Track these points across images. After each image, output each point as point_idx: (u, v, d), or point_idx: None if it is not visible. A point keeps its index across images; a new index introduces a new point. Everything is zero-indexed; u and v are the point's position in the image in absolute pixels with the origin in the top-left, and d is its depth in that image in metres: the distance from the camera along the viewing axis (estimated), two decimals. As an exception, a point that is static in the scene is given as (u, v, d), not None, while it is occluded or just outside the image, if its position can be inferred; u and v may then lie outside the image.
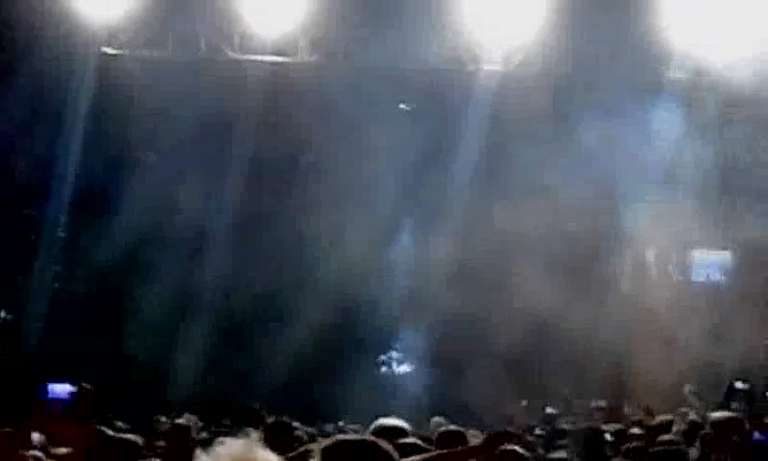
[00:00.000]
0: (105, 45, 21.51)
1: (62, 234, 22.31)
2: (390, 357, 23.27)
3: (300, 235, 22.38)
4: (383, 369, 23.20)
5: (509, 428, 16.29)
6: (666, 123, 21.40)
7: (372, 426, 6.60)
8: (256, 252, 22.23)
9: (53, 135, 21.70)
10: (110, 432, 9.47)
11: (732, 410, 9.95)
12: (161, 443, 10.82)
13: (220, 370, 21.72)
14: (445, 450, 6.38)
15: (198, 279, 22.28)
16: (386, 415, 7.25)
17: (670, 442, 9.02)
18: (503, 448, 6.84)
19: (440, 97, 21.51)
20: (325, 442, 2.79)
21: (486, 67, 21.82)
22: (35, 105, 21.35)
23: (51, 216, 22.36)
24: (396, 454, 3.08)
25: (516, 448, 7.49)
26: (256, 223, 22.40)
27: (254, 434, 3.14)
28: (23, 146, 21.67)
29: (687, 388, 17.81)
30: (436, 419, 12.62)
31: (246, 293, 22.07)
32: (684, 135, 21.27)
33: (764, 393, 17.63)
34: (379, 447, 2.80)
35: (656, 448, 8.82)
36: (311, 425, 13.31)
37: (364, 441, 2.71)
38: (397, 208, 21.37)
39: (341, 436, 2.69)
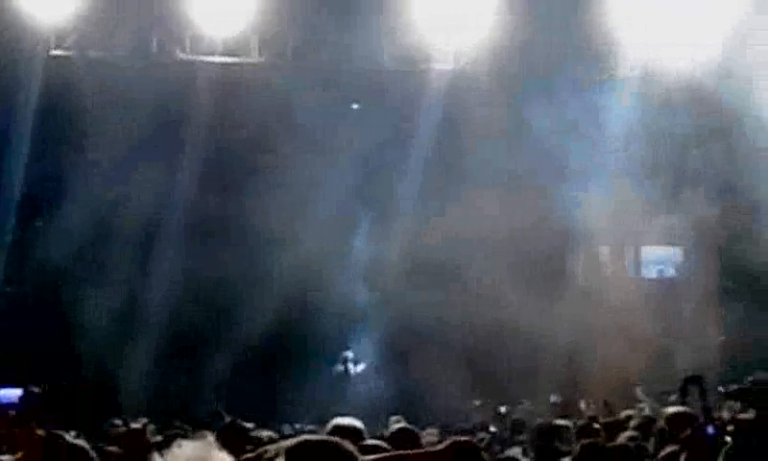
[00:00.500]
0: (53, 47, 21.33)
1: (9, 237, 22.05)
2: (346, 357, 23.21)
3: (252, 236, 22.25)
4: (339, 368, 23.15)
5: (464, 427, 16.34)
6: (616, 119, 21.52)
7: (328, 427, 6.56)
8: (208, 252, 22.08)
9: (0, 137, 21.47)
10: (64, 437, 9.36)
11: (686, 405, 9.99)
12: (114, 448, 10.69)
13: (172, 372, 21.55)
14: (407, 452, 6.34)
15: (148, 280, 22.11)
16: (343, 415, 7.21)
17: (630, 438, 9.05)
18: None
19: (391, 96, 21.50)
20: (289, 442, 2.73)
21: (437, 66, 21.86)
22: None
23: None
24: (358, 454, 3.03)
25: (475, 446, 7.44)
26: (208, 223, 22.27)
27: (210, 437, 3.09)
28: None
29: (638, 390, 17.88)
30: (394, 418, 12.60)
31: (198, 294, 21.92)
32: (633, 131, 21.40)
33: (717, 388, 17.72)
34: (342, 447, 2.75)
35: (614, 444, 8.85)
36: (268, 427, 13.22)
37: (328, 441, 2.66)
38: (351, 207, 21.33)
39: (305, 436, 2.63)
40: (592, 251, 23.53)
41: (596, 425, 11.35)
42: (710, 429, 7.86)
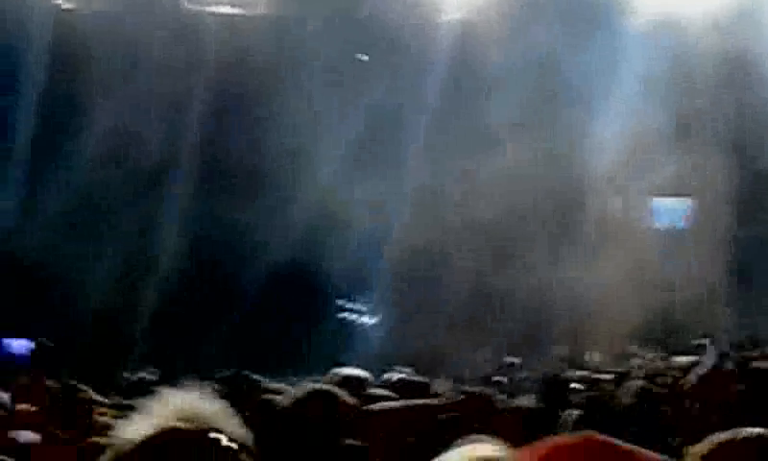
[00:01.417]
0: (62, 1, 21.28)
1: (21, 190, 22.03)
2: (356, 309, 23.20)
3: (259, 187, 22.24)
4: (348, 318, 23.14)
5: (475, 377, 16.36)
6: (629, 68, 21.38)
7: (332, 375, 6.56)
8: (214, 204, 22.08)
9: (8, 91, 21.42)
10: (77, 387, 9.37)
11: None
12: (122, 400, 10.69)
13: (179, 324, 21.54)
14: (429, 401, 6.35)
15: (156, 229, 22.08)
16: (351, 365, 7.20)
17: (641, 389, 9.02)
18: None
19: (399, 47, 21.36)
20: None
21: (446, 16, 21.75)
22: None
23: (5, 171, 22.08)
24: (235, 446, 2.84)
25: (483, 390, 7.46)
26: (214, 175, 22.23)
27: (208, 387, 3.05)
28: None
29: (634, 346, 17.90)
30: (405, 369, 12.58)
31: (205, 244, 21.95)
32: (646, 81, 21.26)
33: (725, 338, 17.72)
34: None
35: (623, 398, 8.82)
36: (277, 378, 13.21)
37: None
38: (355, 158, 21.23)
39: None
40: (604, 201, 23.45)
41: (602, 376, 11.34)
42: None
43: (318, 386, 4.11)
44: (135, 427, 2.51)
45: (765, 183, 20.66)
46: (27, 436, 8.98)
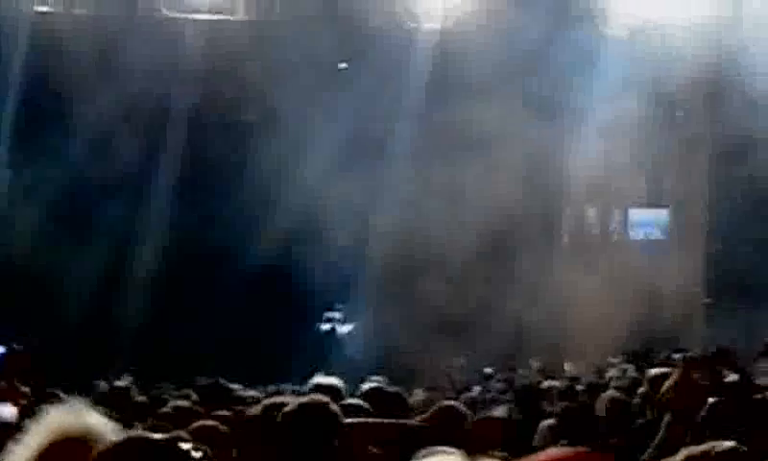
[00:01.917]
0: (38, 3, 21.19)
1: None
2: (333, 317, 23.17)
3: (238, 192, 22.25)
4: (326, 328, 23.11)
5: (447, 387, 16.37)
6: (604, 78, 21.42)
7: (309, 386, 6.56)
8: (194, 209, 22.06)
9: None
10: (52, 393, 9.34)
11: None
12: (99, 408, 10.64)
13: (159, 328, 21.47)
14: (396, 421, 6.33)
15: (134, 237, 22.01)
16: (328, 374, 7.19)
17: (613, 399, 9.06)
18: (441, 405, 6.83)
19: (379, 55, 21.36)
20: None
21: (425, 25, 21.78)
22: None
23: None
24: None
25: (455, 404, 7.46)
26: (194, 180, 22.18)
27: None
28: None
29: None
30: (375, 379, 12.56)
31: (185, 250, 21.91)
32: (621, 91, 21.30)
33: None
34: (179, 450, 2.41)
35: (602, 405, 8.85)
36: (252, 385, 13.19)
37: (163, 444, 2.38)
38: (337, 164, 21.21)
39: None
40: (579, 213, 23.52)
41: (579, 387, 11.37)
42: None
43: (282, 398, 4.12)
44: (21, 450, 2.48)
45: (745, 194, 20.73)
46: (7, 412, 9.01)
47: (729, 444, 3.56)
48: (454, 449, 3.02)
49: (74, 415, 2.58)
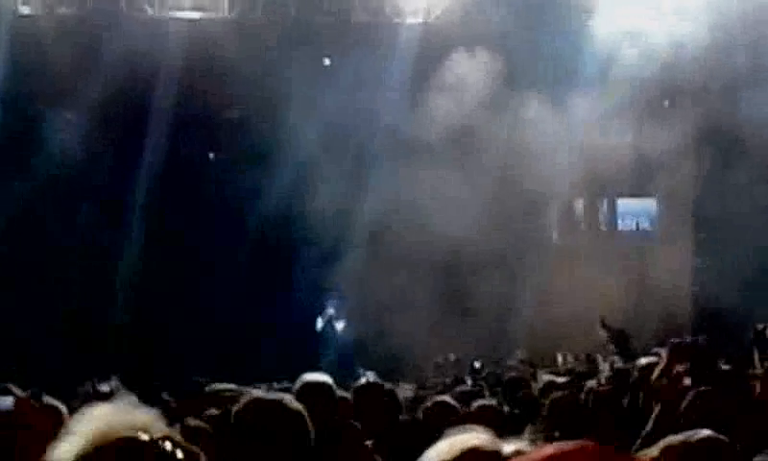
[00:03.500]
0: (20, 5, 21.12)
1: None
2: (329, 314, 23.15)
3: (222, 191, 22.25)
4: (322, 325, 23.09)
5: (438, 382, 16.38)
6: (591, 67, 21.44)
7: (298, 383, 6.53)
8: (178, 207, 22.04)
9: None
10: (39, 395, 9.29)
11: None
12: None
13: (149, 328, 21.43)
14: None
15: (119, 236, 21.95)
16: (317, 370, 7.17)
17: (596, 387, 9.07)
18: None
19: (362, 51, 21.34)
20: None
21: (408, 20, 21.77)
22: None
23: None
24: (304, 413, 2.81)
25: (446, 398, 7.47)
26: (178, 179, 22.15)
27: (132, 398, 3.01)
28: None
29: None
30: (369, 374, 12.54)
31: (170, 249, 21.88)
32: (608, 80, 21.32)
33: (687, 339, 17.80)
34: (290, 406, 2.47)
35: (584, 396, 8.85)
36: (240, 382, 13.16)
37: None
38: (320, 162, 21.20)
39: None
40: (567, 204, 23.53)
41: (561, 379, 11.37)
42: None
43: (261, 393, 4.09)
44: (67, 446, 2.47)
45: (732, 187, 20.75)
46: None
47: (706, 432, 3.58)
48: (478, 427, 3.07)
49: (122, 411, 2.57)
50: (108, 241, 21.82)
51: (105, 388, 11.78)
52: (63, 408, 8.05)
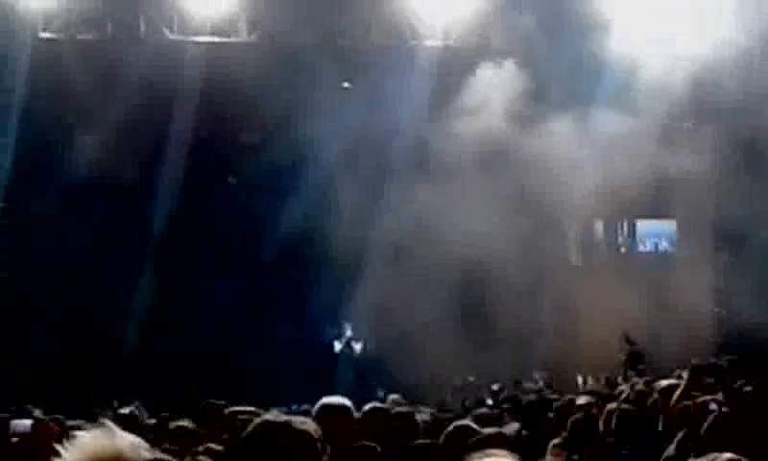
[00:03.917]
0: (41, 30, 21.25)
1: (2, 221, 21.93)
2: (346, 336, 23.10)
3: (241, 212, 22.30)
4: (340, 347, 23.04)
5: (456, 404, 16.32)
6: (609, 89, 21.38)
7: (317, 405, 6.51)
8: (196, 228, 22.12)
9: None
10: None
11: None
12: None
13: (168, 351, 21.43)
14: None
15: (135, 257, 21.99)
16: (337, 393, 7.14)
17: (617, 409, 9.01)
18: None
19: (380, 74, 21.36)
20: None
21: (426, 42, 21.79)
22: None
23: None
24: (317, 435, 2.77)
25: (469, 422, 7.41)
26: (196, 202, 22.22)
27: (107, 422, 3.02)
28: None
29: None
30: (393, 396, 12.51)
31: (189, 270, 21.96)
32: (626, 101, 21.26)
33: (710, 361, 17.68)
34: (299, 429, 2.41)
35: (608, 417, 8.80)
36: (261, 406, 13.16)
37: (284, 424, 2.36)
38: (339, 184, 21.22)
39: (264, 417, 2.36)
40: (586, 226, 23.44)
41: (581, 400, 11.29)
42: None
43: (272, 416, 4.06)
44: None
45: (752, 208, 20.64)
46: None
47: (729, 456, 3.54)
48: (502, 451, 3.08)
49: (106, 437, 2.59)
50: (128, 262, 21.86)
51: (126, 411, 11.79)
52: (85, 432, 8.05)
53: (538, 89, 21.06)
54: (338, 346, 23.15)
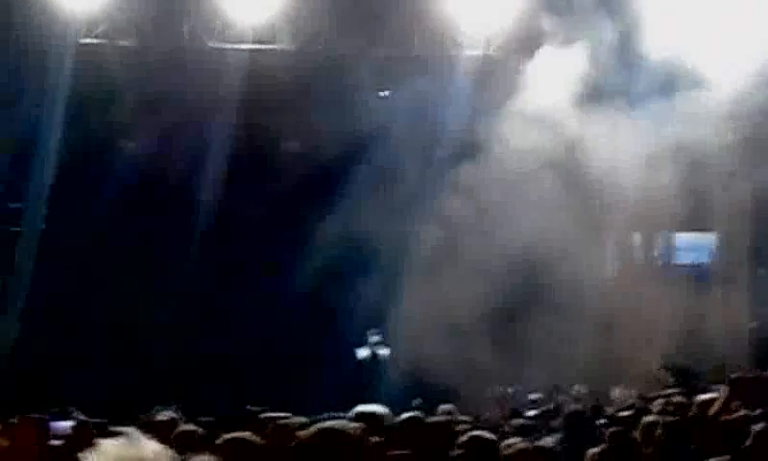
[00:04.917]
0: (83, 36, 21.39)
1: (41, 225, 22.07)
2: (373, 341, 23.09)
3: (279, 222, 22.36)
4: (367, 353, 23.04)
5: (495, 414, 16.28)
6: (647, 101, 21.27)
7: (352, 413, 6.52)
8: (237, 234, 22.23)
9: (31, 129, 21.46)
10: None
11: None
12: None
13: (202, 358, 21.51)
14: None
15: (177, 265, 22.09)
16: (370, 401, 7.16)
17: (653, 422, 8.97)
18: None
19: (420, 83, 21.38)
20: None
21: (466, 52, 21.80)
22: (11, 98, 21.15)
23: (31, 210, 22.07)
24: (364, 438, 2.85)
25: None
26: (236, 212, 22.31)
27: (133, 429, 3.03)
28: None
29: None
30: (444, 407, 12.47)
31: (225, 278, 22.06)
32: (663, 114, 21.14)
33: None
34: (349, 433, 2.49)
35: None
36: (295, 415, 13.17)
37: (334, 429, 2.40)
38: (377, 192, 21.23)
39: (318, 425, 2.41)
40: (623, 238, 23.34)
41: (622, 413, 11.26)
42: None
43: (327, 424, 4.07)
44: None
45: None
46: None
47: None
48: None
49: (130, 444, 2.61)
50: (170, 270, 21.96)
51: (164, 416, 11.79)
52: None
53: (577, 100, 21.00)
54: (369, 353, 23.13)
